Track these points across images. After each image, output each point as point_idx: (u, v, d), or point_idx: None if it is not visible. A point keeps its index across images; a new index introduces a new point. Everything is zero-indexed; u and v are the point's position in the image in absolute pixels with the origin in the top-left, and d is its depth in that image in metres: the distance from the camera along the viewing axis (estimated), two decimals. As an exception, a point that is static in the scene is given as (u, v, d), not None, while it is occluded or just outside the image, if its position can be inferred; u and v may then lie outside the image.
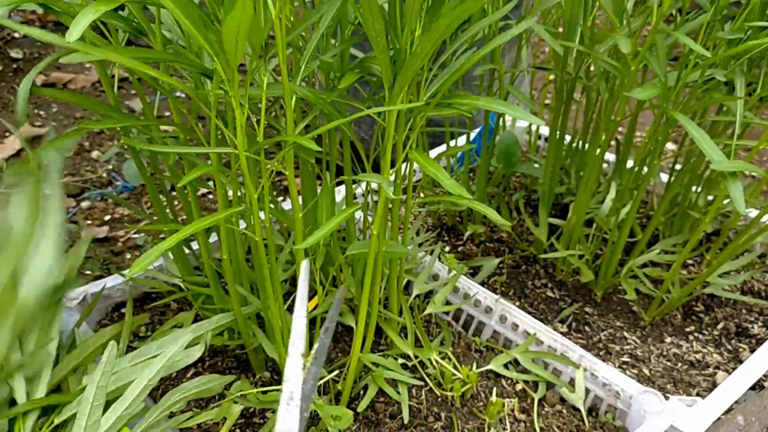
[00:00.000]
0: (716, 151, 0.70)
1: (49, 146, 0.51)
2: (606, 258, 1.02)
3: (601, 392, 0.83)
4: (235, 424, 0.80)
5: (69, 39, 0.40)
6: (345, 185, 0.88)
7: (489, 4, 0.90)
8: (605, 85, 0.94)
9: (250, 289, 0.82)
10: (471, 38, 0.70)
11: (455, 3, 0.55)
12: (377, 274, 0.72)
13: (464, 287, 0.97)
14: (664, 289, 0.96)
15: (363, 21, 0.53)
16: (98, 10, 0.42)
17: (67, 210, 1.38)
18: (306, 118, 0.66)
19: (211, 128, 0.64)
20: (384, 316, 0.86)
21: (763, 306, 1.06)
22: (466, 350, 0.92)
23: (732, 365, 0.94)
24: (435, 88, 0.64)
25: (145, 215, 0.92)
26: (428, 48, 0.52)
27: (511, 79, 1.20)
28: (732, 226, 1.07)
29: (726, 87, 0.90)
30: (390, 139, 0.63)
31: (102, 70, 0.70)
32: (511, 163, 1.19)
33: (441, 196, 1.20)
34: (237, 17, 0.42)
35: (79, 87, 2.05)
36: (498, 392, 0.86)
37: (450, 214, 1.24)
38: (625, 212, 0.99)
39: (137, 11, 0.64)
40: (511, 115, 0.59)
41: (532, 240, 1.19)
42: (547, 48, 2.21)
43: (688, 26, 0.82)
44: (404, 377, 0.82)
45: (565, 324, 1.02)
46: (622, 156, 1.09)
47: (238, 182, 0.70)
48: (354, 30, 0.72)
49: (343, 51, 0.71)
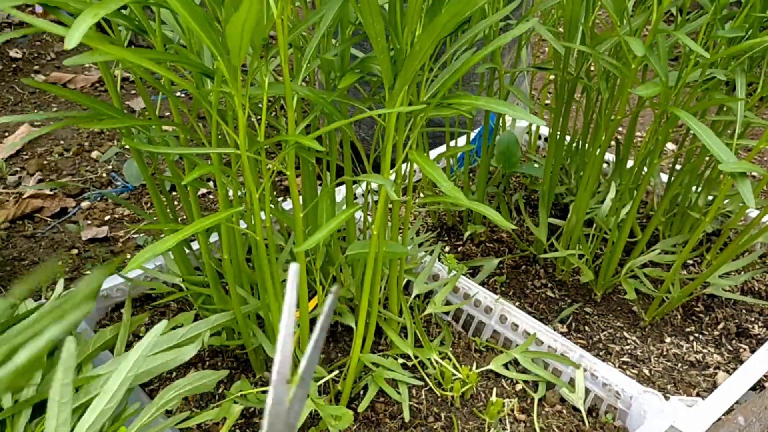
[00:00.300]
0: (725, 150, 0.70)
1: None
2: (606, 258, 1.02)
3: (601, 392, 0.83)
4: (235, 424, 0.80)
5: (69, 44, 0.40)
6: (345, 185, 0.88)
7: (489, 5, 0.90)
8: (606, 84, 0.94)
9: (250, 290, 0.82)
10: (471, 39, 0.70)
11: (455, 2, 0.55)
12: (377, 274, 0.72)
13: (464, 287, 0.97)
14: (664, 289, 0.96)
15: (363, 21, 0.53)
16: (97, 13, 0.42)
17: (66, 210, 1.38)
18: (307, 118, 0.66)
19: (212, 128, 0.64)
20: (384, 316, 0.86)
21: (764, 306, 1.06)
22: (466, 350, 0.92)
23: (732, 365, 0.94)
24: (435, 88, 0.64)
25: (145, 215, 0.92)
26: (427, 47, 0.52)
27: (511, 79, 1.20)
28: (732, 227, 1.07)
29: (726, 87, 0.90)
30: (390, 139, 0.63)
31: (105, 70, 0.70)
32: (511, 163, 1.19)
33: (441, 196, 1.20)
34: (242, 17, 0.42)
35: (79, 87, 2.05)
36: (498, 392, 0.86)
37: (450, 214, 1.24)
38: (625, 212, 0.99)
39: (138, 10, 0.64)
40: (511, 115, 0.59)
41: (532, 240, 1.19)
42: (547, 48, 2.21)
43: (688, 26, 0.82)
44: (404, 377, 0.82)
45: (565, 324, 1.02)
46: (622, 156, 1.09)
47: (238, 182, 0.70)
48: (355, 30, 0.72)
49: (343, 51, 0.71)
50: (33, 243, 1.26)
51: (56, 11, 0.58)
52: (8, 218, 1.31)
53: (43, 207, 1.37)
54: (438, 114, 0.65)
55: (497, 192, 1.21)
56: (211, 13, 0.61)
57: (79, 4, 0.53)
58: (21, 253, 1.23)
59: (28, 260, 1.21)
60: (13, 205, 1.35)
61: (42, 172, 1.53)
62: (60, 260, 1.21)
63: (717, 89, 0.89)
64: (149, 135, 0.73)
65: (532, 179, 1.34)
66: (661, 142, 0.89)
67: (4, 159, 1.57)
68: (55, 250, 1.25)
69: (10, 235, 1.28)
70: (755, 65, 0.88)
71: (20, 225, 1.32)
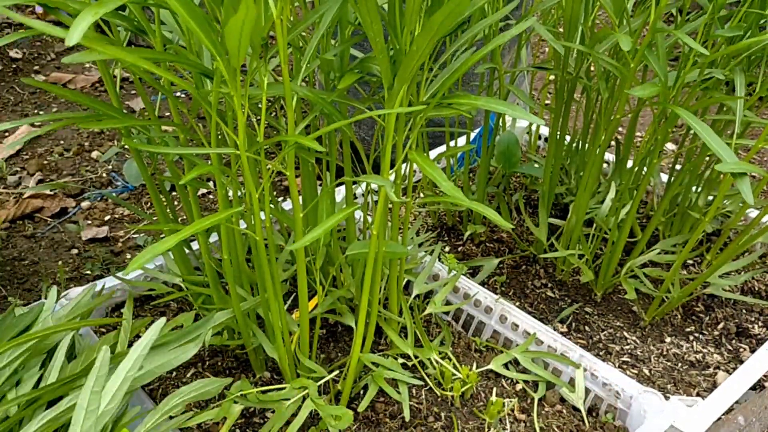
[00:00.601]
0: (725, 149, 0.70)
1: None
2: (606, 258, 1.02)
3: (601, 392, 0.83)
4: (235, 423, 0.80)
5: (69, 42, 0.40)
6: (345, 185, 0.88)
7: (489, 5, 0.90)
8: (605, 84, 0.94)
9: (250, 290, 0.82)
10: (471, 38, 0.70)
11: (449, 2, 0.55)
12: (377, 274, 0.72)
13: (464, 287, 0.97)
14: (664, 289, 0.96)
15: (362, 21, 0.53)
16: (97, 12, 0.42)
17: (66, 210, 1.38)
18: (306, 119, 0.66)
19: (211, 128, 0.64)
20: (384, 316, 0.86)
21: (764, 306, 1.06)
22: (466, 350, 0.92)
23: (732, 365, 0.94)
24: (435, 88, 0.64)
25: (145, 215, 0.92)
26: (424, 46, 0.52)
27: (511, 79, 1.20)
28: (732, 227, 1.07)
29: (726, 87, 0.90)
30: (390, 139, 0.63)
31: (105, 70, 0.70)
32: (511, 163, 1.19)
33: (441, 196, 1.20)
34: (241, 17, 0.42)
35: (79, 87, 2.05)
36: (498, 392, 0.86)
37: (450, 214, 1.24)
38: (625, 212, 0.99)
39: (137, 11, 0.64)
40: (511, 114, 0.59)
41: (532, 240, 1.19)
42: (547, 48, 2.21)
43: (687, 26, 0.82)
44: (404, 377, 0.82)
45: (565, 324, 1.02)
46: (622, 156, 1.09)
47: (238, 182, 0.70)
48: (354, 30, 0.72)
49: (343, 51, 0.71)
50: (33, 243, 1.26)
51: (56, 11, 0.58)
52: (8, 218, 1.32)
53: (43, 207, 1.37)
54: (438, 114, 0.65)
55: (497, 192, 1.21)
56: (210, 13, 0.61)
57: (78, 5, 0.53)
58: (21, 253, 1.23)
59: (28, 260, 1.21)
60: (13, 205, 1.35)
61: (42, 172, 1.53)
62: (60, 260, 1.21)
63: (716, 89, 0.89)
64: (149, 135, 0.73)
65: (532, 179, 1.34)
66: (660, 141, 0.89)
67: (4, 159, 1.57)
68: (55, 250, 1.25)
69: (10, 235, 1.28)
70: (754, 65, 0.88)
71: (20, 225, 1.32)
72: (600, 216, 1.05)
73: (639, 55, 0.78)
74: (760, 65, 0.85)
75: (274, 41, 1.76)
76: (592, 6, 0.91)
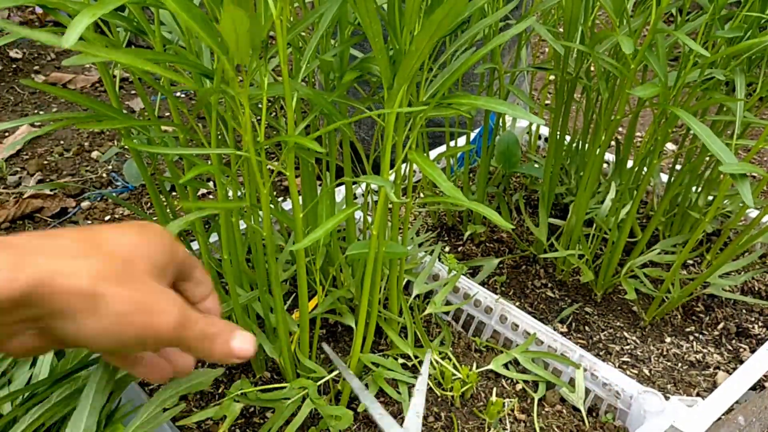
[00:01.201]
0: (725, 150, 0.70)
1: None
2: (606, 258, 1.02)
3: (601, 392, 0.83)
4: (235, 423, 0.80)
5: (65, 44, 0.40)
6: (345, 186, 0.88)
7: (488, 4, 0.90)
8: (605, 84, 0.94)
9: (250, 290, 0.82)
10: (471, 38, 0.70)
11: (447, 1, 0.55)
12: (377, 274, 0.72)
13: (464, 287, 0.97)
14: (664, 289, 0.96)
15: (361, 21, 0.53)
16: (95, 13, 0.42)
17: (66, 210, 1.38)
18: (306, 119, 0.66)
19: (211, 128, 0.64)
20: (384, 316, 0.86)
21: (764, 306, 1.06)
22: (466, 350, 0.92)
23: (732, 365, 0.94)
24: (435, 88, 0.64)
25: (145, 215, 0.92)
26: (423, 46, 0.52)
27: (511, 79, 1.20)
28: (732, 227, 1.07)
29: (726, 87, 0.90)
30: (389, 139, 0.63)
31: (104, 71, 0.70)
32: (511, 163, 1.19)
33: (441, 196, 1.20)
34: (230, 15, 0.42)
35: (79, 87, 2.05)
36: (498, 392, 0.86)
37: (450, 214, 1.24)
38: (625, 212, 0.99)
39: (137, 11, 0.64)
40: (511, 114, 0.59)
41: (532, 240, 1.19)
42: (547, 48, 2.21)
43: (688, 26, 0.82)
44: (404, 377, 0.82)
45: (565, 324, 1.02)
46: (622, 156, 1.09)
47: (238, 182, 0.70)
48: (354, 30, 0.72)
49: (342, 51, 0.71)
50: (33, 243, 1.26)
51: (55, 12, 0.58)
52: (8, 218, 1.32)
53: (43, 207, 1.37)
54: (438, 114, 0.65)
55: (497, 192, 1.21)
56: (210, 14, 0.61)
57: (76, 5, 0.53)
58: (21, 253, 1.23)
59: (29, 260, 1.21)
60: (13, 205, 1.35)
61: (42, 172, 1.53)
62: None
63: (716, 90, 0.89)
64: (149, 135, 0.73)
65: (532, 179, 1.34)
66: (660, 142, 0.89)
67: (4, 159, 1.57)
68: (55, 250, 1.24)
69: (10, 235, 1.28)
70: (754, 66, 0.88)
71: (20, 225, 1.32)
72: (600, 216, 1.05)
73: (639, 56, 0.78)
74: (760, 66, 0.85)
75: (274, 41, 1.75)
76: (592, 6, 0.91)
